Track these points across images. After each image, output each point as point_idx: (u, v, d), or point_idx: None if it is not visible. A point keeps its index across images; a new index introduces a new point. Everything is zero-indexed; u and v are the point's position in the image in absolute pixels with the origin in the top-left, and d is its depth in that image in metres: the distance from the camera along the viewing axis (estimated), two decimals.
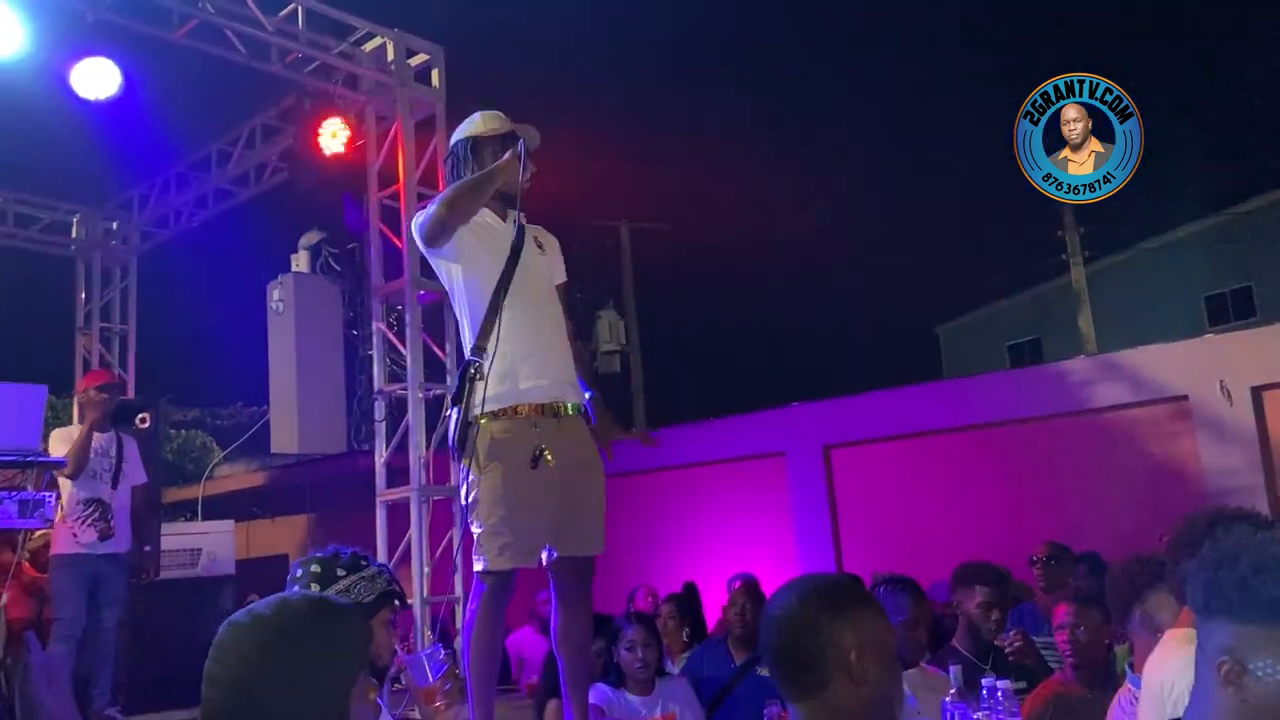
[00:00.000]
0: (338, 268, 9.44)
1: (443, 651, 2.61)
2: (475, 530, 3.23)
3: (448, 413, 3.37)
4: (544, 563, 3.28)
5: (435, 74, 6.85)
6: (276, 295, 8.02)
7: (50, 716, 4.05)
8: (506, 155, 3.29)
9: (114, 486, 5.91)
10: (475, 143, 3.45)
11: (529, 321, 3.33)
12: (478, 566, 3.21)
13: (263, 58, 6.40)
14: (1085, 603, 3.61)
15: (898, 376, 10.53)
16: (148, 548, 6.17)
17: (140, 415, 7.79)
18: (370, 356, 7.39)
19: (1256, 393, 7.97)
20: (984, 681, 3.03)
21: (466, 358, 3.34)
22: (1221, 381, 7.99)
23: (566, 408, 3.32)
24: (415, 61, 6.82)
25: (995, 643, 4.18)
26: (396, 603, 2.54)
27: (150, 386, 9.50)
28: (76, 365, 9.30)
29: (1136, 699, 2.76)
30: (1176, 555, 2.53)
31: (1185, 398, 8.21)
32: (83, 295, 9.44)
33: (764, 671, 4.70)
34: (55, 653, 5.31)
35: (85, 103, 6.31)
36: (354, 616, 1.74)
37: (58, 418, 10.02)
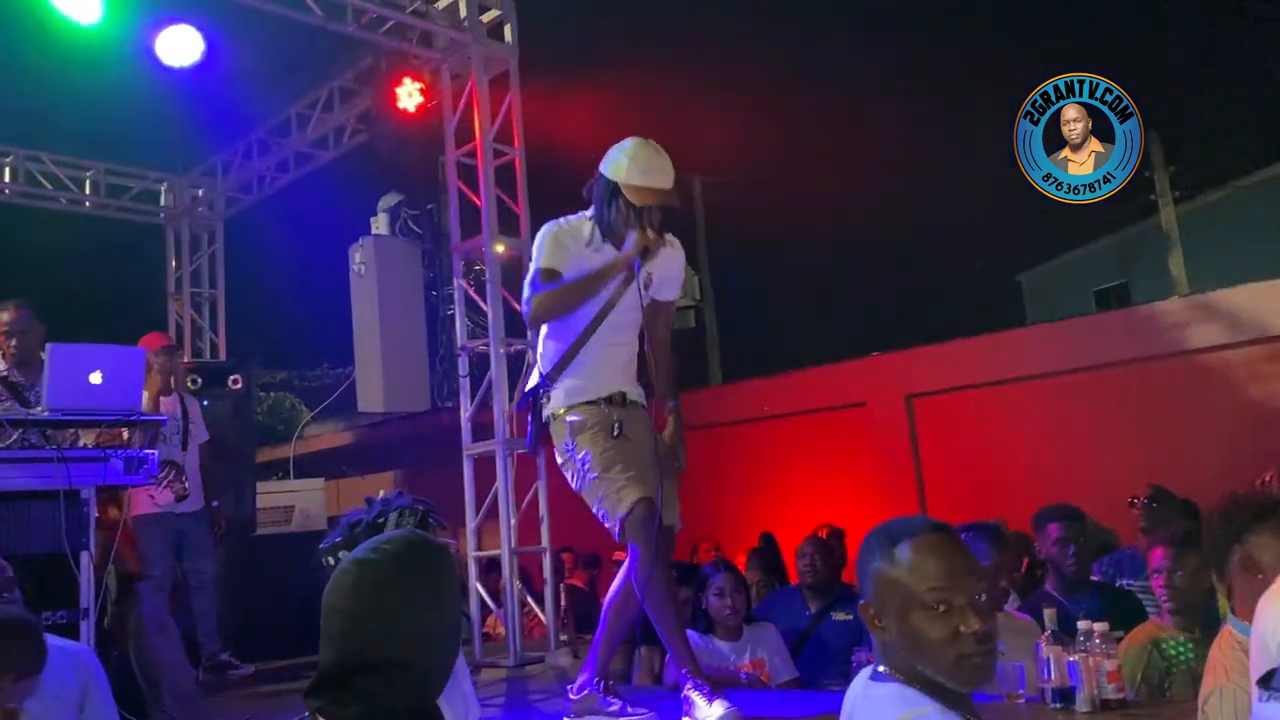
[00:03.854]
0: (417, 229, 9.60)
1: None
2: (594, 501, 3.41)
3: (529, 414, 3.64)
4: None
5: (508, 29, 6.83)
6: (358, 258, 8.15)
7: (164, 665, 4.23)
8: (627, 251, 3.40)
9: (184, 448, 6.12)
10: (618, 190, 3.48)
11: (603, 354, 3.54)
12: (614, 528, 3.36)
13: (338, 19, 6.45)
14: (1183, 546, 3.54)
15: (979, 326, 10.33)
16: (215, 503, 6.36)
17: (232, 377, 8.03)
18: (451, 315, 7.48)
19: None
20: (1080, 624, 3.00)
21: (539, 380, 3.57)
22: None
23: (627, 396, 3.57)
24: (488, 17, 6.82)
25: None
26: (434, 525, 2.63)
27: (241, 350, 9.75)
28: (170, 329, 9.58)
29: (1238, 643, 2.71)
30: None
31: None
32: (173, 262, 9.69)
33: (839, 616, 4.76)
34: (151, 610, 5.56)
35: (168, 70, 6.46)
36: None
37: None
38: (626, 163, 3.48)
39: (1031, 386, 9.09)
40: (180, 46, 6.37)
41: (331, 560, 2.44)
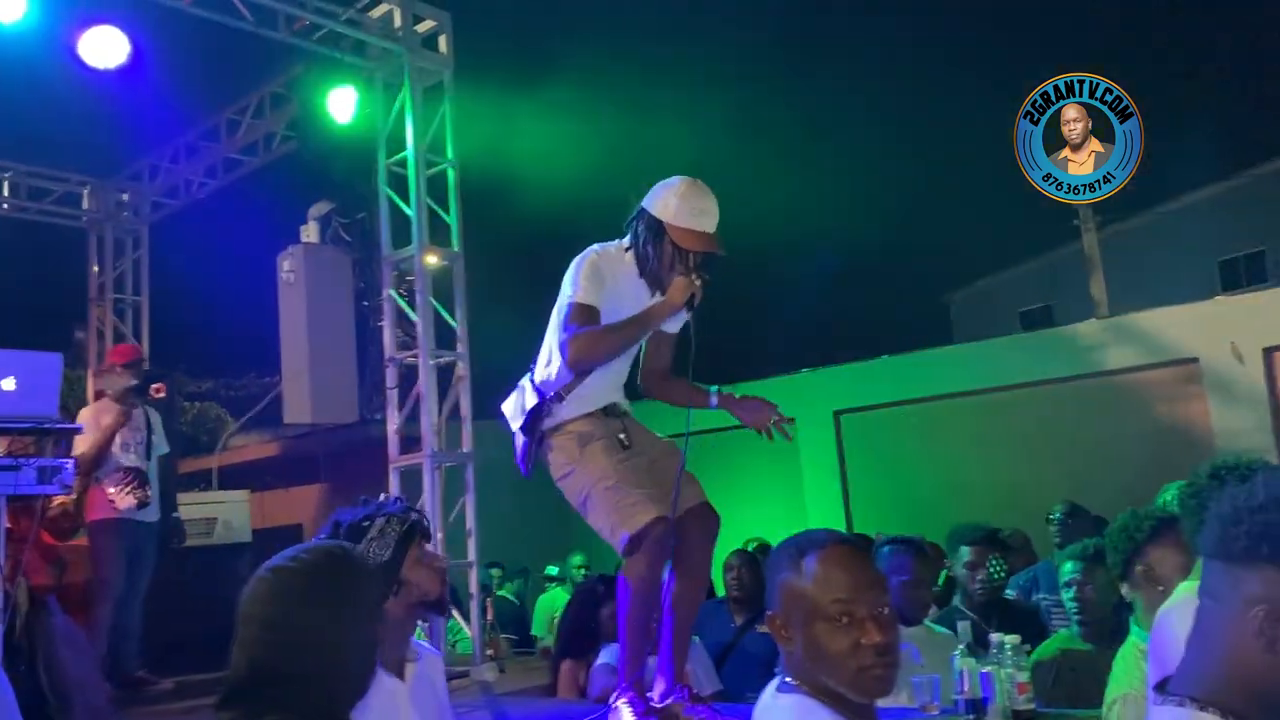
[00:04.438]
0: (347, 238, 9.48)
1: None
2: (601, 517, 3.25)
3: (517, 439, 3.49)
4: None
5: (442, 40, 6.83)
6: (287, 266, 8.05)
7: (73, 678, 4.12)
8: (673, 292, 3.27)
9: (147, 458, 6.02)
10: (663, 230, 3.32)
11: (608, 375, 3.46)
12: (620, 542, 3.19)
13: (270, 25, 6.39)
14: (1093, 561, 3.64)
15: (907, 344, 10.52)
16: (175, 514, 6.29)
17: (155, 385, 7.84)
18: (381, 326, 7.42)
19: (1268, 354, 7.95)
20: (992, 636, 3.07)
21: (540, 394, 3.41)
22: (1233, 343, 7.97)
23: (619, 406, 3.52)
24: (422, 28, 6.80)
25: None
26: (420, 536, 2.52)
27: (164, 358, 9.55)
28: (90, 336, 9.36)
29: (1142, 652, 2.80)
30: (1186, 507, 2.55)
31: (1196, 360, 8.20)
32: (95, 267, 9.47)
33: (763, 629, 4.80)
34: (100, 614, 5.50)
35: (94, 72, 6.33)
36: (370, 570, 1.81)
37: (71, 389, 10.08)
38: (676, 202, 3.32)
39: (956, 404, 9.29)
40: (105, 48, 6.25)
41: None
